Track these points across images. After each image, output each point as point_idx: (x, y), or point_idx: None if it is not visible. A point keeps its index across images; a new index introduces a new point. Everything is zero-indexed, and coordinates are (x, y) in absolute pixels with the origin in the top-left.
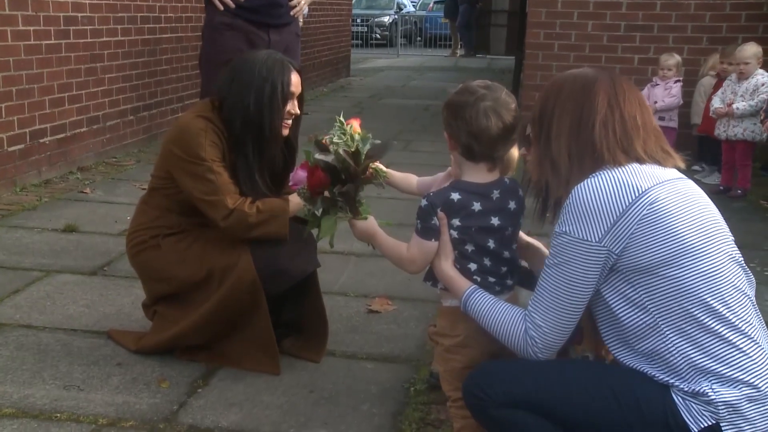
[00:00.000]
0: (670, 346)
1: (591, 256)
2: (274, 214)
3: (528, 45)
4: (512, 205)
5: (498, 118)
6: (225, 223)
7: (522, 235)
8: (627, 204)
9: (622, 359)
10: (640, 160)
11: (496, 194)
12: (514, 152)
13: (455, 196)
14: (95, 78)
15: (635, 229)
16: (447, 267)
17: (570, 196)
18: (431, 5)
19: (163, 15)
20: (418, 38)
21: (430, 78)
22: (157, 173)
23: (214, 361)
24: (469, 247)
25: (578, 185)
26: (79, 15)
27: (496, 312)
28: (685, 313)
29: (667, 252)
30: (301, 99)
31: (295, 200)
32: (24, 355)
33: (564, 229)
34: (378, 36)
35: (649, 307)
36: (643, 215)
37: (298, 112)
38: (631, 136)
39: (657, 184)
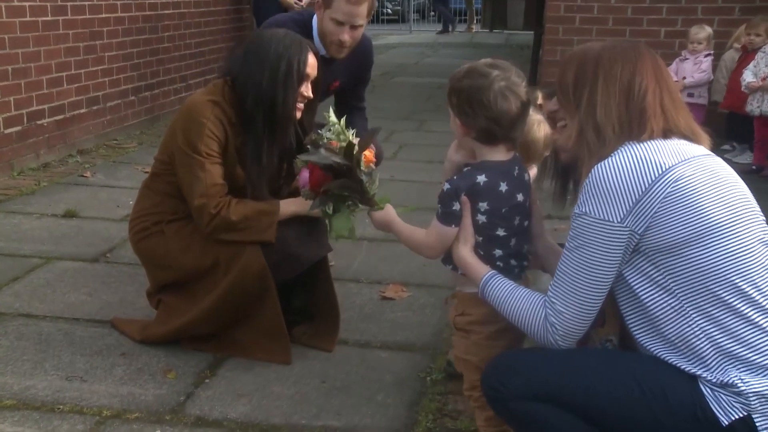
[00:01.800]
0: (696, 329)
1: (613, 238)
2: (261, 219)
3: (548, 18)
4: (526, 176)
5: (516, 97)
6: (209, 229)
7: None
8: (650, 182)
9: (646, 345)
10: (676, 135)
11: (516, 170)
12: (537, 135)
13: (481, 178)
14: (94, 56)
15: (659, 208)
16: (466, 253)
17: (590, 174)
18: None
19: None
20: (432, 13)
21: (444, 55)
22: (160, 156)
23: (222, 351)
24: (501, 231)
25: (599, 164)
26: None
27: (516, 298)
28: (712, 295)
29: (693, 231)
30: (317, 84)
31: (288, 206)
32: (25, 345)
33: (584, 210)
34: (389, 11)
35: (673, 288)
36: (668, 193)
37: (311, 95)
38: (677, 108)
39: (683, 161)
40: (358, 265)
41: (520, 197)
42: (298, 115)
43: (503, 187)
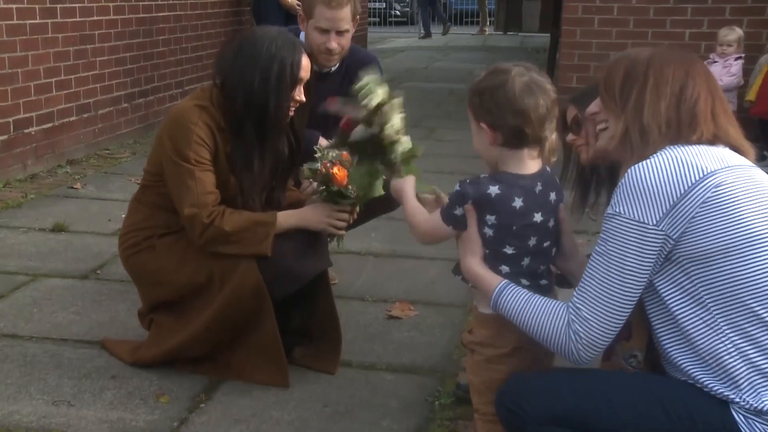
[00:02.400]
0: (729, 345)
1: (647, 241)
2: (256, 230)
3: (565, 20)
4: (553, 196)
5: (542, 92)
6: (201, 240)
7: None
8: (689, 185)
9: (676, 360)
10: (723, 143)
11: (539, 187)
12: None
13: (494, 189)
14: (85, 61)
15: (696, 213)
16: (474, 264)
17: (626, 174)
18: None
19: None
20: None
21: (455, 59)
22: (149, 167)
23: (217, 373)
24: (509, 249)
25: (637, 163)
26: None
27: (533, 306)
28: (747, 309)
29: (730, 240)
30: (309, 87)
31: (287, 218)
32: (9, 368)
33: (618, 210)
34: (398, 12)
35: (706, 300)
36: (707, 198)
37: (304, 99)
38: (728, 117)
39: (725, 167)
40: (362, 282)
41: (537, 217)
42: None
43: (518, 203)
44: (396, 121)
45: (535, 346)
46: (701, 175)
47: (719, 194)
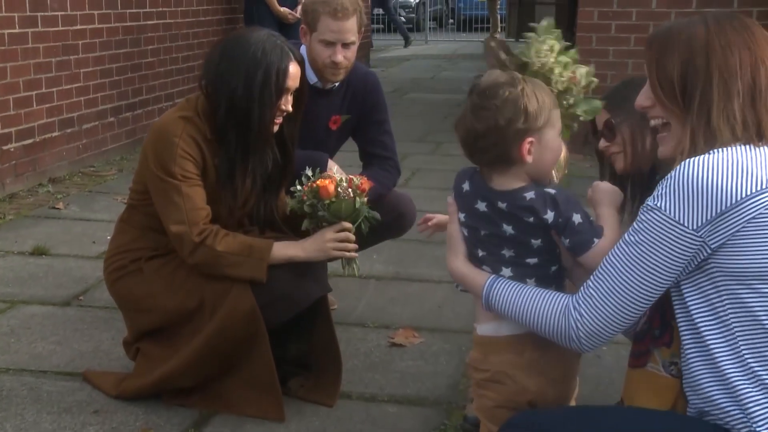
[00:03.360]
0: (748, 372)
1: (681, 244)
2: (251, 254)
3: (579, 26)
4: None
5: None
6: (192, 260)
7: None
8: (743, 196)
9: (696, 377)
10: None
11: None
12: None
13: (465, 186)
14: (68, 73)
15: (742, 227)
16: (459, 264)
17: (678, 167)
18: None
19: None
20: (450, 21)
21: (463, 68)
22: (135, 186)
23: (208, 406)
24: (480, 251)
25: (690, 159)
26: None
27: (528, 292)
28: None
29: None
30: (302, 95)
31: (285, 249)
32: None
33: (658, 204)
34: (403, 19)
35: (731, 321)
36: (758, 214)
37: (291, 109)
38: None
39: None
40: (363, 307)
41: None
42: (274, 129)
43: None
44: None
45: (521, 375)
46: (759, 188)
47: None
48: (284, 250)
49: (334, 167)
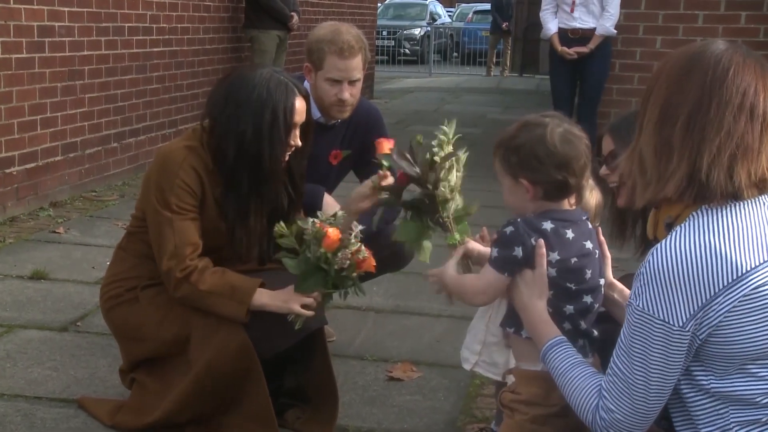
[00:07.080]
0: None
1: (672, 342)
2: (233, 296)
3: None
4: (589, 225)
5: (579, 140)
6: (176, 294)
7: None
8: (723, 286)
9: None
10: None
11: (582, 217)
12: (590, 203)
13: (547, 225)
14: (73, 98)
15: (725, 317)
16: (541, 308)
17: (648, 260)
18: (470, 15)
19: (154, 26)
20: (455, 54)
21: (467, 101)
22: (136, 213)
23: None
24: (572, 285)
25: (659, 248)
26: (57, 24)
27: (575, 375)
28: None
29: (759, 349)
30: (308, 128)
31: (261, 297)
32: None
33: (641, 305)
34: (407, 51)
35: (721, 398)
36: (740, 300)
37: (300, 143)
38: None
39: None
40: (362, 340)
41: (588, 245)
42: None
43: (569, 234)
44: (453, 179)
45: None
46: (737, 275)
47: (756, 297)
48: (260, 297)
49: (330, 201)
